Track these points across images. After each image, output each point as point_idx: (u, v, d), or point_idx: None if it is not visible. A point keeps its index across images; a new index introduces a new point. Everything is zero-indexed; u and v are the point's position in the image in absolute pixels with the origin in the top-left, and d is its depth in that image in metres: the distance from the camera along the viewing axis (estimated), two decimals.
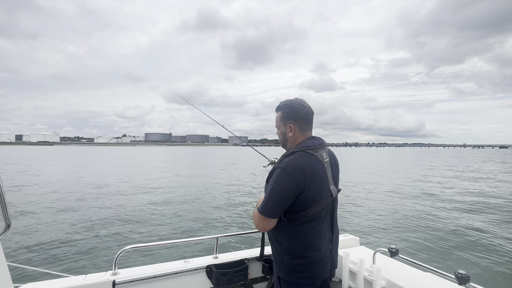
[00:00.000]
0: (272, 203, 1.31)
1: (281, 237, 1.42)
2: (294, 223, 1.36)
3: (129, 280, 1.64)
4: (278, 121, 1.54)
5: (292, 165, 1.31)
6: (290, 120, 1.47)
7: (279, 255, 1.45)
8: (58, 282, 1.56)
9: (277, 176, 1.32)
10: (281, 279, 1.44)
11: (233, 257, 1.99)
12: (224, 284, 1.86)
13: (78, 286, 1.55)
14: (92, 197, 10.32)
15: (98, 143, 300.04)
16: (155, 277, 1.72)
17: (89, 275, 1.64)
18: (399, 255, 1.74)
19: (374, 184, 15.14)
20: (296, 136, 1.47)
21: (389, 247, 1.77)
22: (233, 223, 7.36)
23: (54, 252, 5.12)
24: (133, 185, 13.69)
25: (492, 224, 7.68)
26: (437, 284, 1.65)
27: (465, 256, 5.39)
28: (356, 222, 7.60)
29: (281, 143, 1.57)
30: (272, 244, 1.51)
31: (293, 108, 1.46)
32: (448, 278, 1.49)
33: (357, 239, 2.35)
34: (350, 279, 1.94)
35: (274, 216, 1.34)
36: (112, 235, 6.11)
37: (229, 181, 16.20)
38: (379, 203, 10.39)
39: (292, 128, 1.46)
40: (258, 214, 1.36)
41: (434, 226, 7.44)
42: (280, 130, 1.53)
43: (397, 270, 1.86)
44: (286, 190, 1.29)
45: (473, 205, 10.17)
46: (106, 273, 1.67)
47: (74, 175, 17.99)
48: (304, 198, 1.32)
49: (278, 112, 1.54)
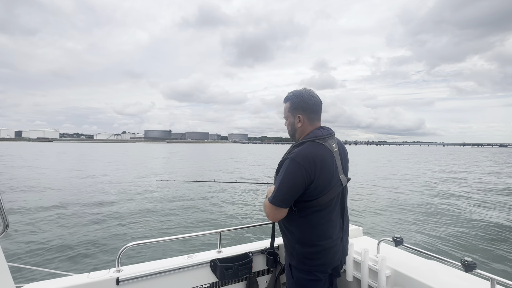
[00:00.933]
0: (282, 193, 1.33)
1: (292, 226, 1.44)
2: (305, 212, 1.39)
3: (133, 276, 1.63)
4: (286, 112, 1.54)
5: (302, 155, 1.33)
6: (298, 111, 1.47)
7: (291, 244, 1.46)
8: (61, 281, 1.55)
9: (287, 166, 1.33)
10: (293, 267, 1.46)
11: (237, 250, 1.99)
12: (229, 278, 1.87)
13: (82, 284, 1.53)
14: (93, 194, 10.29)
15: (98, 140, 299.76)
16: (159, 273, 1.71)
17: (92, 273, 1.63)
18: (403, 244, 1.74)
19: (377, 176, 15.19)
20: (305, 127, 1.48)
21: (393, 236, 1.77)
22: (236, 216, 7.38)
23: (56, 251, 5.08)
24: (135, 181, 13.70)
25: (497, 212, 7.71)
26: (443, 272, 1.65)
27: (471, 243, 5.41)
28: (359, 213, 7.64)
29: (289, 133, 1.57)
30: (283, 233, 1.52)
31: (301, 98, 1.46)
32: (454, 265, 1.49)
33: (360, 229, 2.36)
34: (354, 269, 1.94)
35: (285, 205, 1.36)
36: (114, 232, 6.09)
37: (231, 175, 16.22)
38: (382, 193, 10.44)
39: (301, 118, 1.47)
40: (269, 204, 1.38)
41: (439, 214, 7.47)
42: (289, 121, 1.53)
43: (402, 259, 1.86)
44: (296, 180, 1.31)
45: (477, 194, 10.21)
46: (110, 270, 1.66)
47: (74, 172, 17.98)
48: (314, 188, 1.34)
49: (287, 102, 1.53)
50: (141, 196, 9.96)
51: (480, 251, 5.08)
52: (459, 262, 1.40)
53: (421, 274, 1.63)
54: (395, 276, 1.73)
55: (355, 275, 1.92)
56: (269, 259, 1.99)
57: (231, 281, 1.91)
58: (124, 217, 7.18)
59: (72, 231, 6.10)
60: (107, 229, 6.27)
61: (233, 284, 1.93)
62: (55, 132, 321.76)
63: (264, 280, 2.06)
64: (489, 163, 29.12)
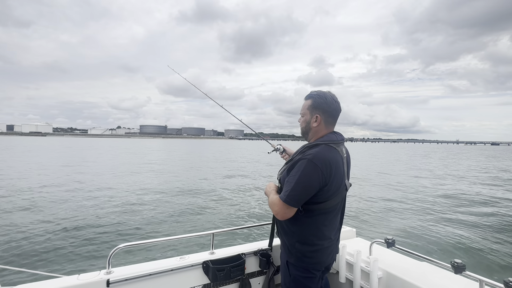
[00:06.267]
0: (297, 193, 1.34)
1: (294, 226, 1.47)
2: (312, 213, 1.42)
3: (123, 278, 1.62)
4: (305, 109, 1.54)
5: (319, 157, 1.35)
6: (318, 111, 1.48)
7: (290, 242, 1.50)
8: (50, 283, 1.52)
9: (305, 166, 1.34)
10: (290, 264, 1.51)
11: (230, 252, 1.99)
12: (221, 280, 1.86)
13: (72, 286, 1.51)
14: (83, 194, 10.04)
15: (92, 135, 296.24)
16: (151, 274, 1.69)
17: (82, 275, 1.61)
18: (395, 245, 1.76)
19: (370, 176, 15.32)
20: (320, 128, 1.49)
21: (385, 238, 1.79)
22: (229, 218, 7.34)
23: (45, 252, 4.90)
24: (126, 181, 13.53)
25: (487, 215, 7.85)
26: (434, 273, 1.68)
27: (461, 245, 5.49)
28: (352, 214, 7.69)
29: (302, 130, 1.59)
30: (284, 232, 1.55)
31: (325, 99, 1.48)
32: (445, 267, 1.52)
33: (353, 231, 2.38)
34: (347, 270, 1.95)
35: (297, 205, 1.37)
36: (105, 233, 5.94)
37: (225, 174, 16.20)
38: (375, 194, 10.52)
39: (318, 118, 1.48)
40: (281, 203, 1.39)
41: (430, 216, 7.57)
42: (305, 118, 1.54)
43: (393, 260, 1.88)
44: (312, 181, 1.33)
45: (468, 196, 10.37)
46: (100, 272, 1.65)
47: (65, 169, 17.75)
48: (327, 191, 1.38)
49: (308, 100, 1.54)
50: (133, 196, 9.77)
51: (470, 253, 5.15)
52: (449, 263, 1.43)
53: (412, 276, 1.66)
54: (387, 278, 1.75)
55: (347, 277, 1.94)
56: (262, 260, 2.00)
57: (223, 283, 1.90)
58: (115, 218, 7.02)
59: (61, 232, 5.93)
60: (98, 229, 6.11)
61: (226, 285, 1.93)
62: (48, 127, 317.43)
63: (257, 281, 2.06)
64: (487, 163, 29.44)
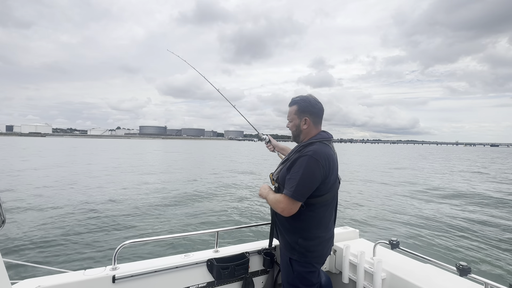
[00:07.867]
0: (302, 187, 1.43)
1: (297, 221, 1.53)
2: (314, 207, 1.51)
3: (129, 274, 1.63)
4: (292, 114, 1.66)
5: (319, 153, 1.46)
6: (305, 114, 1.61)
7: (293, 239, 1.55)
8: (57, 278, 1.54)
9: (307, 162, 1.44)
10: (293, 261, 1.56)
11: (234, 250, 2.00)
12: (225, 278, 1.87)
13: (78, 281, 1.53)
14: (90, 191, 10.14)
15: (92, 135, 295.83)
16: (156, 271, 1.70)
17: (88, 270, 1.62)
18: (399, 247, 1.76)
19: (372, 178, 15.30)
20: (310, 128, 1.62)
21: (389, 239, 1.79)
22: (234, 216, 7.37)
23: (52, 248, 5.02)
24: (132, 179, 13.57)
25: (493, 217, 7.81)
26: (438, 276, 1.67)
27: (466, 248, 5.46)
28: (355, 215, 7.68)
29: (293, 134, 1.70)
30: (286, 230, 1.60)
31: (309, 102, 1.62)
32: (449, 269, 1.51)
33: (356, 232, 2.37)
34: (350, 271, 1.95)
35: (303, 199, 1.46)
36: (111, 229, 6.04)
37: (228, 174, 16.20)
38: (378, 195, 10.50)
39: (307, 121, 1.61)
40: (286, 199, 1.46)
41: (435, 218, 7.53)
42: (294, 123, 1.66)
43: (397, 262, 1.88)
44: (315, 175, 1.44)
45: (474, 198, 10.34)
46: (106, 268, 1.66)
47: (70, 168, 17.76)
48: (326, 184, 1.49)
49: (293, 106, 1.66)
50: (139, 194, 9.84)
51: (475, 255, 5.12)
52: (454, 266, 1.43)
53: (416, 278, 1.65)
54: (390, 279, 1.75)
55: (351, 277, 1.94)
56: (266, 259, 2.00)
57: (227, 281, 1.91)
58: (121, 215, 7.10)
59: (68, 228, 6.03)
60: (104, 226, 6.20)
61: (229, 284, 1.94)
62: (48, 127, 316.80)
63: (260, 280, 2.06)
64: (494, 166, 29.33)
